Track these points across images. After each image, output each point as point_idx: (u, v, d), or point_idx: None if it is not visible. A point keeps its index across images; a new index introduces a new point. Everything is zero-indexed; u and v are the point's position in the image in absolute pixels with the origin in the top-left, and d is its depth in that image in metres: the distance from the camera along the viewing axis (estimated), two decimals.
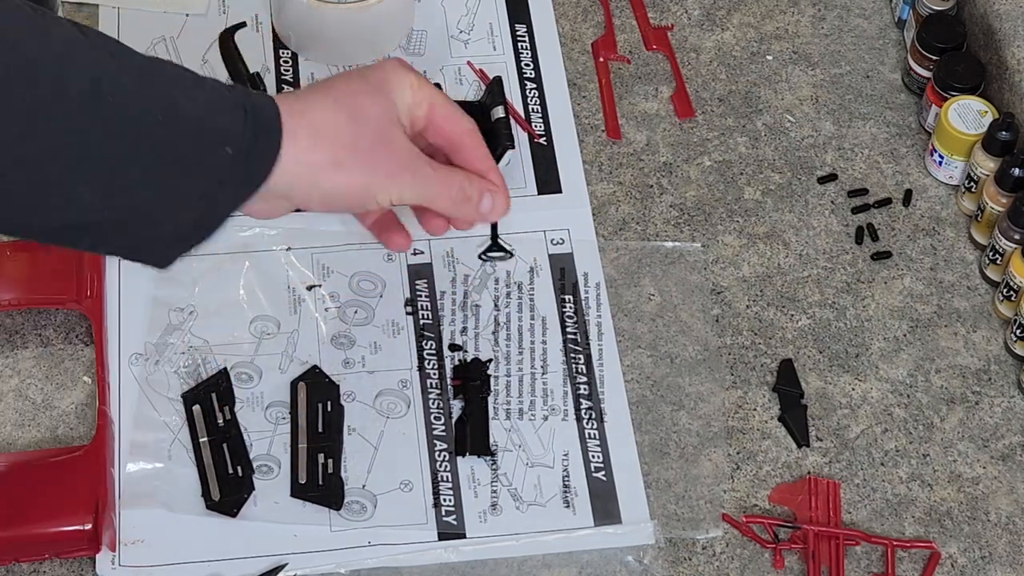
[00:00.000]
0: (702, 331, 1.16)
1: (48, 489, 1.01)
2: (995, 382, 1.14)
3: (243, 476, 1.06)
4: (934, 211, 1.23)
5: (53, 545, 1.01)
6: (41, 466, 1.03)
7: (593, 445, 1.10)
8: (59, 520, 1.00)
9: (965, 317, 1.18)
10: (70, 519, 1.00)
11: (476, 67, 1.29)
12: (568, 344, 1.14)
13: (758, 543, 1.06)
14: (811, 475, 1.09)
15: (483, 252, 1.17)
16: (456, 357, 1.13)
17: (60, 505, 1.01)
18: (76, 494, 1.01)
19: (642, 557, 1.05)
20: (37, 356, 1.12)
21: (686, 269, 1.19)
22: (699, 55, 1.32)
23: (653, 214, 1.22)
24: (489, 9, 1.33)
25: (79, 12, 1.30)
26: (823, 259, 1.20)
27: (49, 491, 1.01)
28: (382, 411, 1.10)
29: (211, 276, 1.15)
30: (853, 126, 1.28)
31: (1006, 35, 1.23)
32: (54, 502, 1.01)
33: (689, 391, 1.13)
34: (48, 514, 1.00)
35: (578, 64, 1.30)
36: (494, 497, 1.07)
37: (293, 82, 1.27)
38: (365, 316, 1.15)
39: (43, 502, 1.01)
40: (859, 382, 1.14)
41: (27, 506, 1.00)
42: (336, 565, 1.03)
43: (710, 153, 1.25)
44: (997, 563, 1.06)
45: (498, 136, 1.21)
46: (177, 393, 1.10)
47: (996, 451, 1.11)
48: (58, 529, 1.00)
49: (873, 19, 1.35)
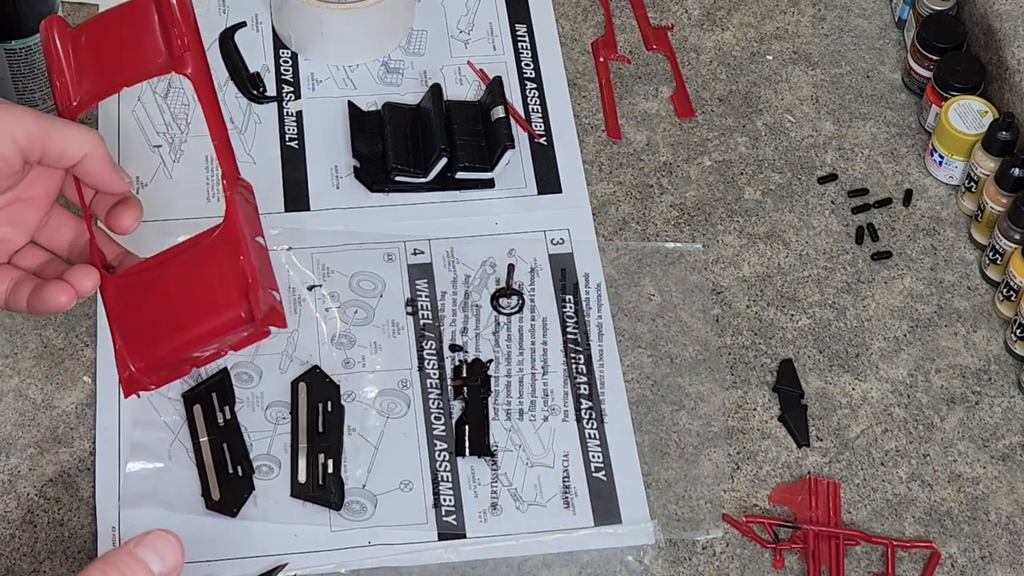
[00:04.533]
0: (702, 331, 1.16)
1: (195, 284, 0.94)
2: (995, 382, 1.14)
3: (243, 476, 1.06)
4: (934, 211, 1.23)
5: (219, 338, 0.94)
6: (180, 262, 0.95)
7: (593, 445, 1.10)
8: (215, 314, 0.93)
9: (965, 317, 1.18)
10: (224, 310, 0.93)
11: (476, 67, 1.29)
12: (568, 344, 1.14)
13: (758, 543, 1.06)
14: (811, 475, 1.09)
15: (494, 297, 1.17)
16: (456, 357, 1.13)
17: (212, 300, 0.93)
18: (224, 282, 0.93)
19: (642, 557, 1.05)
20: (37, 356, 1.12)
21: (686, 269, 1.19)
22: (699, 55, 1.32)
23: (653, 214, 1.22)
24: (489, 9, 1.33)
25: (79, 12, 1.30)
26: (823, 259, 1.20)
27: (197, 286, 0.94)
28: (382, 411, 1.10)
29: None
30: (853, 126, 1.28)
31: (1006, 35, 1.23)
32: (205, 297, 0.93)
33: (689, 391, 1.13)
34: (203, 312, 0.93)
35: (578, 64, 1.30)
36: (494, 497, 1.07)
37: (293, 82, 1.27)
38: (365, 316, 1.15)
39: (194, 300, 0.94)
40: (859, 382, 1.14)
41: (182, 309, 0.94)
42: (336, 565, 1.03)
43: (710, 153, 1.26)
44: (997, 563, 1.06)
45: (498, 136, 1.22)
46: (177, 393, 1.10)
47: (996, 451, 1.11)
48: (217, 322, 0.93)
49: (873, 19, 1.35)
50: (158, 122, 1.24)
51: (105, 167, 0.92)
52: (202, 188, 1.20)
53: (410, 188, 1.21)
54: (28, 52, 1.18)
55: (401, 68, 1.29)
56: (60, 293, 0.91)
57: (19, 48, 1.18)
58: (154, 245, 1.00)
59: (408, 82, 1.28)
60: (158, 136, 1.23)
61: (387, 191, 1.21)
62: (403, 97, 1.27)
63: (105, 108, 1.24)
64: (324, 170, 1.23)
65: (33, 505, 1.06)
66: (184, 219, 1.17)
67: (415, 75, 1.28)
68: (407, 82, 1.28)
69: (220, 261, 0.93)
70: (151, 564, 0.77)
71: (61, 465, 1.07)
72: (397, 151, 1.22)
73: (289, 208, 1.20)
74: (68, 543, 1.05)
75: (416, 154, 1.22)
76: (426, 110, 1.24)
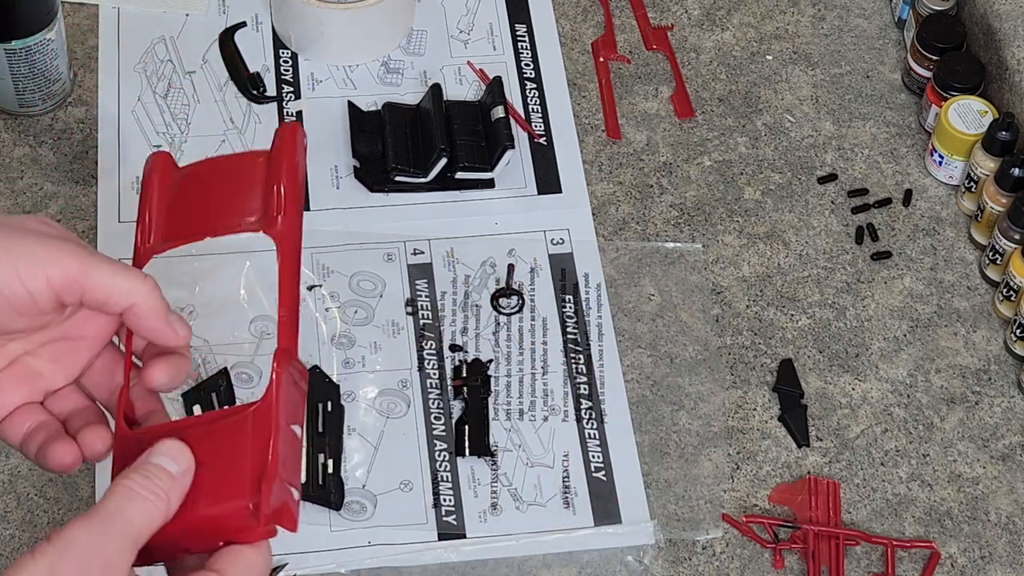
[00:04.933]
0: (702, 331, 1.16)
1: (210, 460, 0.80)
2: (995, 382, 1.14)
3: None
4: (934, 211, 1.23)
5: (216, 532, 0.79)
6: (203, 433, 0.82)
7: (593, 445, 1.10)
8: (218, 500, 0.79)
9: (965, 317, 1.18)
10: (229, 497, 0.79)
11: (476, 67, 1.29)
12: (568, 344, 1.14)
13: (758, 543, 1.06)
14: (811, 475, 1.09)
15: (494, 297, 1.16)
16: (456, 357, 1.13)
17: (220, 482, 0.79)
18: (238, 464, 0.80)
19: (642, 557, 1.05)
20: None
21: (686, 269, 1.19)
22: (699, 55, 1.32)
23: (653, 214, 1.22)
24: (489, 9, 1.33)
25: (79, 12, 1.30)
26: (823, 259, 1.20)
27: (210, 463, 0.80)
28: (382, 411, 1.10)
29: (212, 276, 1.15)
30: (853, 126, 1.28)
31: (1006, 35, 1.23)
32: (214, 477, 0.79)
33: (689, 391, 1.13)
34: (206, 495, 0.79)
35: (578, 64, 1.30)
36: (494, 497, 1.07)
37: (293, 82, 1.27)
38: (365, 316, 1.15)
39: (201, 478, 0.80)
40: (859, 382, 1.14)
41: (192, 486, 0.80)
42: (336, 565, 1.03)
43: (710, 153, 1.26)
44: (997, 563, 1.06)
45: (498, 136, 1.22)
46: (177, 393, 1.10)
47: (996, 451, 1.11)
48: (218, 510, 0.79)
49: (873, 19, 1.35)
50: (158, 122, 1.24)
51: (154, 319, 0.83)
52: None
53: (410, 188, 1.21)
54: (28, 52, 1.18)
55: (401, 68, 1.29)
56: (66, 454, 0.83)
57: (19, 48, 1.18)
58: None
59: (408, 82, 1.28)
60: (158, 136, 1.23)
61: (387, 191, 1.21)
62: (403, 97, 1.27)
63: (105, 108, 1.24)
64: (324, 170, 1.23)
65: (33, 505, 1.06)
66: None
67: (415, 75, 1.28)
68: (407, 82, 1.28)
69: (243, 442, 0.80)
70: (168, 467, 0.77)
71: None
72: (397, 151, 1.22)
73: None
74: None
75: (416, 154, 1.22)
76: (426, 110, 1.24)
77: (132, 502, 0.74)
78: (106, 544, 0.72)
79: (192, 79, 1.27)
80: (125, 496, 0.75)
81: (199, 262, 1.14)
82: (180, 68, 1.28)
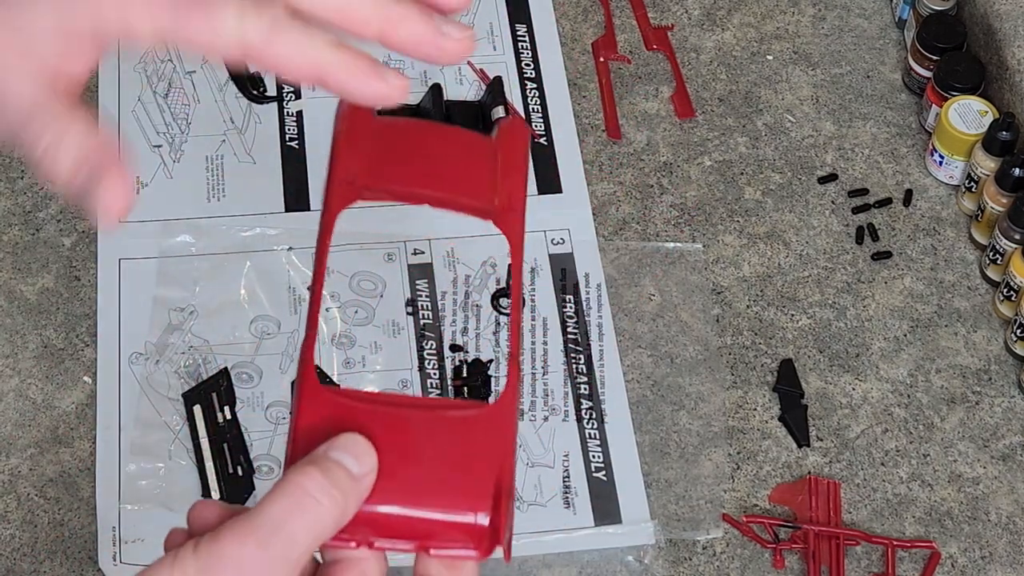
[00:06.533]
0: (702, 331, 1.16)
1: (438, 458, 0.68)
2: (995, 382, 1.14)
3: (243, 476, 1.06)
4: (934, 211, 1.23)
5: (428, 536, 0.68)
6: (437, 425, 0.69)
7: (593, 445, 1.10)
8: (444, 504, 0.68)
9: (965, 317, 1.18)
10: (461, 505, 0.68)
11: (476, 67, 1.29)
12: (569, 344, 1.14)
13: (758, 543, 1.06)
14: (811, 475, 1.09)
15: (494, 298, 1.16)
16: (457, 357, 1.13)
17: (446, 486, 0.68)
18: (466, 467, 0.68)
19: (642, 557, 1.05)
20: (37, 356, 1.12)
21: (686, 269, 1.19)
22: (699, 55, 1.32)
23: (653, 214, 1.22)
24: (489, 9, 1.33)
25: None
26: (823, 259, 1.20)
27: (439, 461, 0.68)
28: None
29: (212, 276, 1.15)
30: (853, 126, 1.28)
31: (1006, 35, 1.23)
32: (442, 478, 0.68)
33: (689, 391, 1.13)
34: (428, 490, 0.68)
35: (578, 64, 1.30)
36: None
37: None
38: (365, 316, 1.15)
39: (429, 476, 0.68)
40: (859, 382, 1.14)
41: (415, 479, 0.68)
42: None
43: (710, 153, 1.26)
44: (997, 563, 1.06)
45: None
46: (178, 393, 1.10)
47: (996, 451, 1.11)
48: (443, 520, 0.68)
49: (873, 19, 1.35)
50: (158, 122, 1.24)
51: None
52: (202, 188, 1.20)
53: None
54: None
55: (401, 68, 1.28)
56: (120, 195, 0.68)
57: None
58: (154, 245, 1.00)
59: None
60: (158, 136, 1.23)
61: None
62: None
63: (105, 108, 1.24)
64: (325, 170, 1.22)
65: (33, 505, 1.06)
66: (184, 219, 1.17)
67: (415, 75, 1.28)
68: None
69: (477, 441, 0.69)
70: (351, 467, 0.64)
71: (61, 465, 1.07)
72: None
73: (289, 208, 1.20)
74: (68, 543, 1.05)
75: None
76: (426, 110, 1.24)
77: (301, 514, 0.63)
78: (260, 570, 0.62)
79: (192, 79, 1.27)
80: (295, 503, 0.63)
81: (199, 262, 1.14)
82: (180, 68, 1.28)
